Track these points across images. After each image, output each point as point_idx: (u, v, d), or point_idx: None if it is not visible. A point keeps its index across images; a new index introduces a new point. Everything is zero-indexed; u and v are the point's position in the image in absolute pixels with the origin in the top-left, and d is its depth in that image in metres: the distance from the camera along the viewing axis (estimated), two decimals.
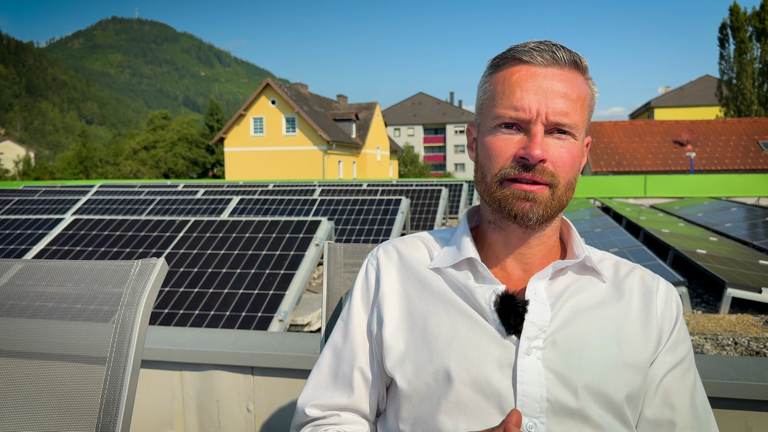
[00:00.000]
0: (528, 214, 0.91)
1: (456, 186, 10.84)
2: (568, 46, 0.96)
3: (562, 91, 0.90)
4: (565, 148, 0.91)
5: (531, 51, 0.91)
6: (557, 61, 0.91)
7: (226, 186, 11.31)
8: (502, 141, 0.92)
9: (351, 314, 1.04)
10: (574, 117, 0.91)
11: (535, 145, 0.88)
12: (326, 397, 1.01)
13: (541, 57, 0.91)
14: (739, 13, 36.61)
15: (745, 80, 36.28)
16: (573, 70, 0.93)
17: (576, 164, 0.93)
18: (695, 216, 9.42)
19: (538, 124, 0.89)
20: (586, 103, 0.94)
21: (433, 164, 71.72)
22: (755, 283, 4.11)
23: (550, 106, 0.89)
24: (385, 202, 6.07)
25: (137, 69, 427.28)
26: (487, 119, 0.95)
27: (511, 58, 0.93)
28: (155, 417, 1.94)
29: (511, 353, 0.90)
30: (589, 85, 0.95)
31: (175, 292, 3.15)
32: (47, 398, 0.90)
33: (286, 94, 36.18)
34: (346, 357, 1.02)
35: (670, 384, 0.95)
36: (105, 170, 53.84)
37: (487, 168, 0.94)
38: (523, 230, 0.95)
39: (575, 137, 0.92)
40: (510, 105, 0.90)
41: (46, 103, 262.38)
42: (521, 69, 0.92)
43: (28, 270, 1.03)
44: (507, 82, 0.92)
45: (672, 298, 0.99)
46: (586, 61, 0.95)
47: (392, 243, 1.08)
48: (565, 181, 0.92)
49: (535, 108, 0.89)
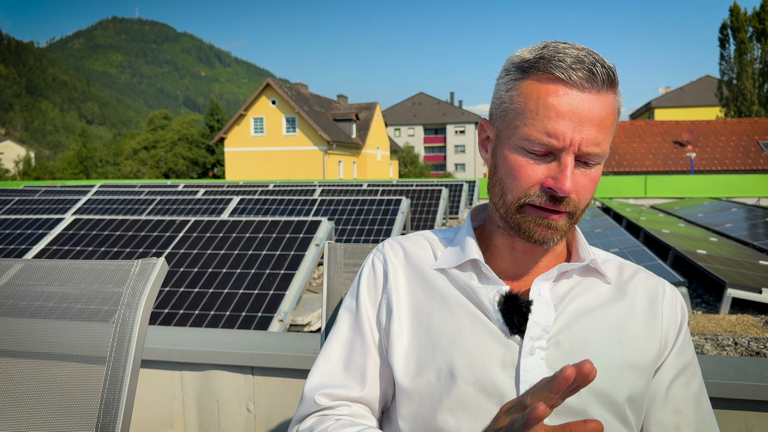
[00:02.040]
0: (548, 241, 0.90)
1: (456, 186, 10.84)
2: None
3: (597, 118, 0.85)
4: (590, 177, 0.89)
5: (569, 69, 0.85)
6: (595, 83, 0.85)
7: (227, 186, 11.30)
8: (529, 165, 0.88)
9: (359, 306, 1.02)
10: (605, 145, 0.87)
11: (566, 179, 0.85)
12: (337, 386, 0.98)
13: (580, 79, 0.85)
14: (739, 13, 36.62)
15: (746, 81, 36.29)
16: (609, 92, 0.87)
17: (596, 187, 0.91)
18: (695, 216, 9.42)
19: (570, 153, 0.85)
20: (614, 123, 0.89)
21: (433, 164, 71.70)
22: (755, 283, 4.11)
23: (585, 135, 0.85)
24: (386, 203, 6.07)
25: (137, 69, 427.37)
26: (513, 134, 0.89)
27: (544, 69, 0.86)
28: (155, 417, 1.94)
29: (514, 353, 0.90)
30: (618, 100, 0.90)
31: (175, 292, 3.15)
32: (47, 398, 0.90)
33: (286, 94, 36.18)
34: (357, 349, 1.00)
35: (677, 389, 0.95)
36: (105, 170, 53.87)
37: (508, 187, 0.91)
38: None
39: (601, 164, 0.90)
40: (543, 129, 0.85)
41: (47, 103, 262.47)
42: (558, 89, 0.85)
43: (28, 270, 1.03)
44: (541, 101, 0.86)
45: (677, 302, 0.99)
46: (616, 73, 0.88)
47: (397, 240, 1.07)
48: (584, 206, 0.91)
49: (569, 137, 0.84)
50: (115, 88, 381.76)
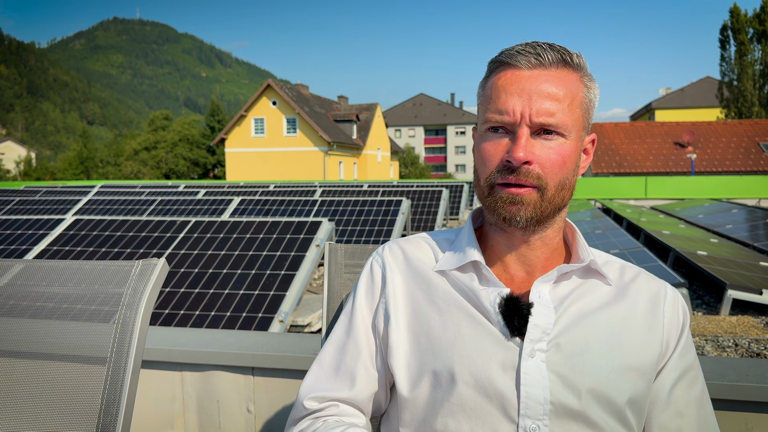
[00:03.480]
0: (516, 216, 0.91)
1: (457, 187, 10.84)
2: (569, 47, 0.94)
3: (547, 91, 0.89)
4: (553, 149, 0.90)
5: (516, 54, 0.92)
6: (542, 63, 0.91)
7: (227, 187, 11.30)
8: (490, 146, 0.93)
9: (355, 310, 1.03)
10: (562, 117, 0.89)
11: (518, 148, 0.88)
12: (326, 389, 1.00)
13: (526, 59, 0.91)
14: (739, 14, 36.59)
15: (746, 82, 36.26)
16: (561, 69, 0.92)
17: (568, 164, 0.92)
18: (696, 217, 9.41)
19: (522, 126, 0.89)
20: (577, 101, 0.92)
21: (433, 165, 71.71)
22: (756, 284, 4.11)
23: (534, 107, 0.89)
24: (386, 203, 6.07)
25: (138, 70, 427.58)
26: (480, 124, 0.96)
27: (499, 62, 0.94)
28: (155, 417, 1.94)
29: (514, 355, 0.90)
30: (585, 82, 0.93)
31: (176, 292, 3.15)
32: (48, 398, 0.90)
33: (287, 95, 36.19)
34: (349, 352, 1.01)
35: (680, 392, 0.95)
36: (106, 171, 53.87)
37: (480, 172, 0.95)
38: (521, 232, 0.95)
39: (565, 137, 0.91)
40: (495, 109, 0.91)
41: (48, 104, 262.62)
42: (507, 73, 0.92)
43: (29, 270, 1.03)
44: (494, 86, 0.93)
45: (679, 305, 0.99)
46: (579, 59, 0.93)
47: (397, 242, 1.08)
48: (554, 182, 0.91)
49: (519, 110, 0.89)
50: (115, 88, 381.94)
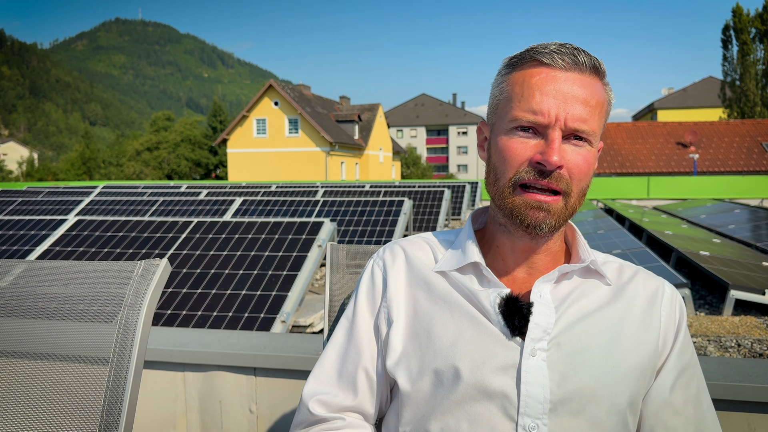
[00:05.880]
0: (540, 224, 0.90)
1: (458, 187, 10.83)
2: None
3: (582, 96, 0.88)
4: (582, 156, 0.90)
5: (552, 53, 0.89)
6: (578, 66, 0.89)
7: (229, 187, 11.31)
8: (518, 144, 0.90)
9: (356, 314, 1.03)
10: (592, 123, 0.89)
11: (554, 151, 0.86)
12: (331, 394, 1.00)
13: (562, 60, 0.89)
14: (742, 14, 36.51)
15: (749, 82, 36.19)
16: (593, 76, 0.91)
17: (591, 171, 0.92)
18: (698, 218, 9.39)
19: (556, 129, 0.88)
20: (603, 109, 0.92)
21: (435, 166, 71.65)
22: (759, 285, 4.10)
23: (570, 111, 0.87)
24: (388, 204, 6.07)
25: (140, 70, 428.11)
26: (503, 120, 0.92)
27: (530, 59, 0.91)
28: (158, 418, 1.94)
29: (515, 355, 0.90)
30: (607, 91, 0.93)
31: (178, 293, 3.15)
32: (50, 399, 0.90)
33: (289, 96, 36.21)
34: (350, 356, 1.01)
35: (678, 391, 0.95)
36: (108, 171, 53.97)
37: (500, 171, 0.92)
38: (532, 237, 0.95)
39: (591, 144, 0.91)
40: (528, 108, 0.88)
41: (50, 105, 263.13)
42: (541, 71, 0.90)
43: (32, 271, 1.03)
44: (526, 84, 0.90)
45: (676, 302, 0.99)
46: (604, 66, 0.93)
47: (398, 243, 1.08)
48: (578, 189, 0.91)
49: (554, 113, 0.87)
50: (118, 89, 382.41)
